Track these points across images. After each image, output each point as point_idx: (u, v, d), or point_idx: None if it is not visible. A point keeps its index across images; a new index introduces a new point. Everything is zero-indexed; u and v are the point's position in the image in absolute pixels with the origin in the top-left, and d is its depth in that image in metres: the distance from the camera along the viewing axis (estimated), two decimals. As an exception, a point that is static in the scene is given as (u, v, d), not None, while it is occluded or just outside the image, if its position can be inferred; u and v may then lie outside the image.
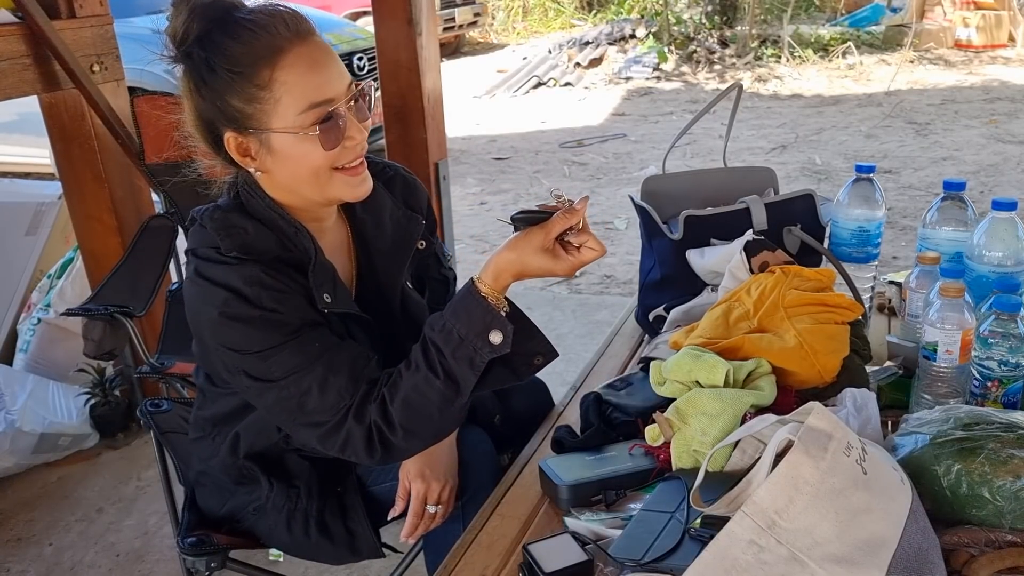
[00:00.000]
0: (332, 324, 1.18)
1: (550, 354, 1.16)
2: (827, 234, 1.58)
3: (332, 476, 1.40)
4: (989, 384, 1.19)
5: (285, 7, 1.14)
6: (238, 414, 1.34)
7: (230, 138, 1.15)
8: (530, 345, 1.14)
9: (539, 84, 8.71)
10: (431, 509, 1.30)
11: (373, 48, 2.97)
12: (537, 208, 1.10)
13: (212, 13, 1.12)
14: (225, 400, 1.34)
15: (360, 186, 1.20)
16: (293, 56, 1.10)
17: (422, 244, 1.40)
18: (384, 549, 1.45)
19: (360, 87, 1.17)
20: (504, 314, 1.09)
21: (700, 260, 1.51)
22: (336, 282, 1.21)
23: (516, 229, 1.10)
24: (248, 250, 1.15)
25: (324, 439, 1.14)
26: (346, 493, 1.40)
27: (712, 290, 1.50)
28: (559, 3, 12.49)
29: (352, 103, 1.15)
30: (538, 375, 1.62)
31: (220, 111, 1.14)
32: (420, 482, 1.29)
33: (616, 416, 1.26)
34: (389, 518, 1.35)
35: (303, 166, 1.14)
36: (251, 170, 1.17)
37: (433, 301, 1.48)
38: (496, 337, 1.07)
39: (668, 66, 8.98)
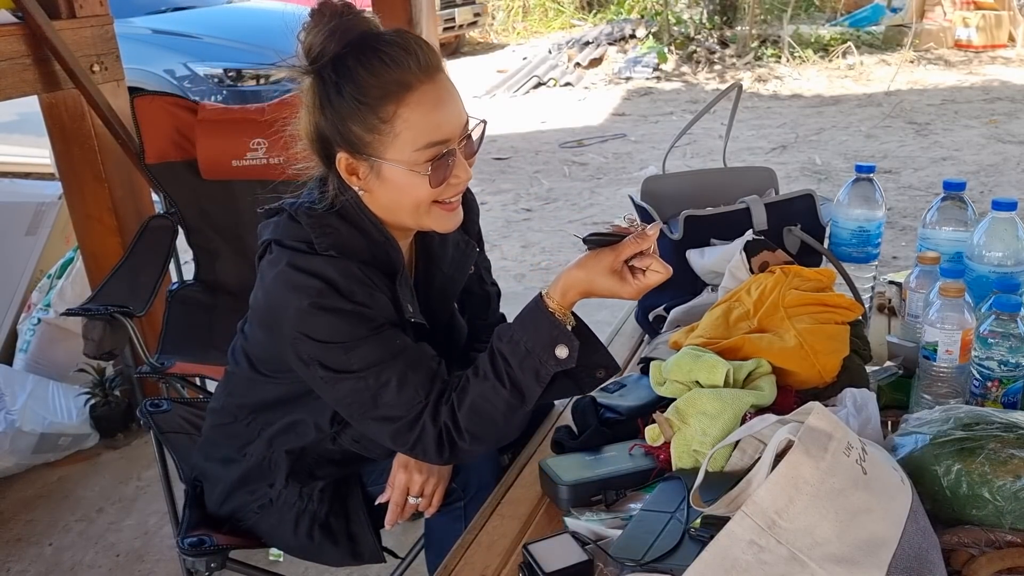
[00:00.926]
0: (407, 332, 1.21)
1: (612, 368, 1.19)
2: (827, 234, 1.58)
3: (341, 479, 1.41)
4: (989, 384, 1.19)
5: (419, 41, 1.16)
6: (282, 404, 1.34)
7: (342, 158, 1.17)
8: (594, 359, 1.17)
9: (539, 84, 8.71)
10: (412, 500, 1.31)
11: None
12: (610, 230, 1.12)
13: (350, 37, 1.13)
14: (268, 388, 1.34)
15: (452, 220, 1.23)
16: (419, 94, 1.12)
17: (472, 268, 1.43)
18: (384, 553, 1.45)
19: (474, 127, 1.20)
20: (570, 329, 1.12)
21: (700, 260, 1.51)
22: (414, 294, 1.25)
23: (588, 249, 1.13)
24: (341, 250, 1.17)
25: (397, 435, 1.15)
26: (350, 495, 1.40)
27: (712, 290, 1.50)
28: (559, 3, 12.49)
29: (466, 142, 1.18)
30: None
31: (339, 132, 1.16)
32: (403, 473, 1.31)
33: (610, 416, 1.26)
34: (376, 503, 1.36)
35: (407, 196, 1.17)
36: (355, 188, 1.20)
37: (473, 317, 1.50)
38: (562, 351, 1.10)
39: (668, 66, 8.98)
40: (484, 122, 1.22)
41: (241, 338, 1.37)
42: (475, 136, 1.21)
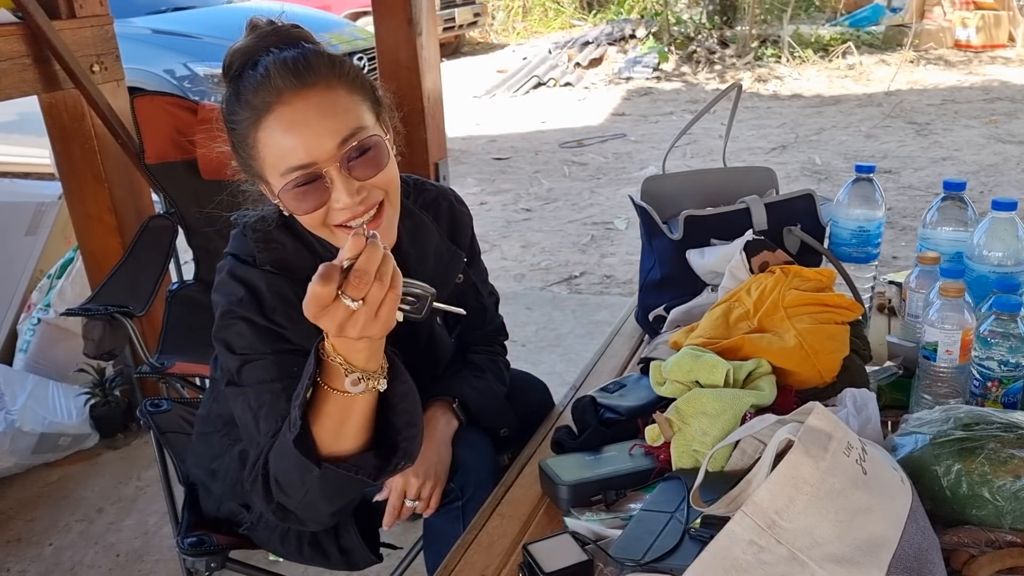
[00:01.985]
0: None
1: (408, 461, 1.02)
2: (827, 234, 1.58)
3: None
4: (989, 384, 1.19)
5: (299, 57, 1.09)
6: None
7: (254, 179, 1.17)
8: (402, 447, 1.01)
9: (539, 84, 8.71)
10: (409, 503, 1.29)
11: (373, 48, 2.98)
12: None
13: (244, 58, 1.12)
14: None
15: None
16: (273, 118, 1.07)
17: (460, 278, 1.39)
18: (384, 549, 1.45)
19: (354, 145, 1.08)
20: (370, 382, 0.96)
21: (700, 260, 1.51)
22: None
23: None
24: (283, 266, 1.15)
25: (249, 468, 1.08)
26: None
27: (712, 290, 1.50)
28: (559, 3, 12.49)
29: (346, 162, 1.08)
30: (538, 375, 1.64)
31: (237, 158, 1.16)
32: (400, 476, 1.28)
33: (610, 416, 1.26)
34: (373, 500, 1.35)
35: (302, 220, 1.14)
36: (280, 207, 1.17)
37: (470, 327, 1.48)
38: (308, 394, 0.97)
39: (668, 66, 8.98)
40: (378, 137, 1.11)
41: None
42: (377, 151, 1.10)
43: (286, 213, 1.17)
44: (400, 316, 0.91)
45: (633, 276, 3.77)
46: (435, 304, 0.94)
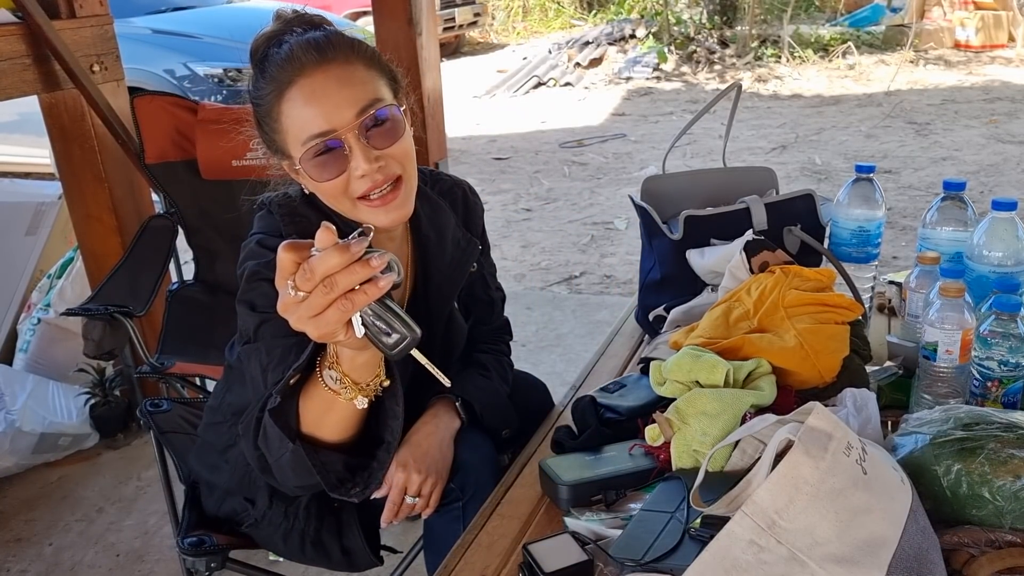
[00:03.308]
0: None
1: (363, 491, 1.01)
2: (827, 234, 1.58)
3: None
4: (989, 384, 1.19)
5: (319, 34, 1.14)
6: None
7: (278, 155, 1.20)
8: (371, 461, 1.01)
9: (539, 84, 8.71)
10: (409, 500, 1.29)
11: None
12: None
13: (268, 42, 1.16)
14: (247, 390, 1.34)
15: (390, 213, 1.16)
16: (296, 90, 1.11)
17: (474, 267, 1.41)
18: (384, 550, 1.45)
19: (372, 115, 1.12)
20: (377, 384, 0.95)
21: (700, 260, 1.51)
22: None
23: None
24: (308, 237, 1.17)
25: (247, 414, 1.06)
26: (343, 509, 1.39)
27: (712, 290, 1.50)
28: (559, 3, 12.49)
29: (364, 131, 1.11)
30: (538, 375, 1.64)
31: (262, 135, 1.19)
32: (401, 471, 1.27)
33: (610, 416, 1.26)
34: (372, 497, 1.35)
35: (322, 192, 1.17)
36: (302, 185, 1.20)
37: (477, 322, 1.49)
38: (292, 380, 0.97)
39: (668, 66, 8.98)
40: (392, 108, 1.14)
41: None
42: (394, 122, 1.13)
43: (307, 191, 1.20)
44: (359, 332, 0.81)
45: (633, 276, 3.77)
46: (415, 352, 0.82)
